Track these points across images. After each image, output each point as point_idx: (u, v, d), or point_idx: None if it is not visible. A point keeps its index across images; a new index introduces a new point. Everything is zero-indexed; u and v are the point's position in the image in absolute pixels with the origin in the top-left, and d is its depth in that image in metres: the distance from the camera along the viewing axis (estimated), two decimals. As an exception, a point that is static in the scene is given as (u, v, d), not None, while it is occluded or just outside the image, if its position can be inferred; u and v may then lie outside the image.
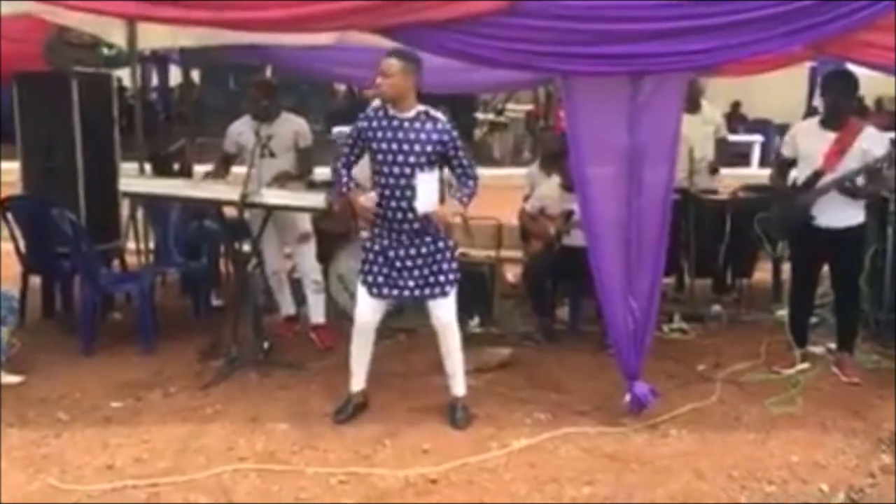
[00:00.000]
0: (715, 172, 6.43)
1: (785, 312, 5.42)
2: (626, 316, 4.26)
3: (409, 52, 4.08)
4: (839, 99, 4.79)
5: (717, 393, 4.71)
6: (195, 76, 16.43)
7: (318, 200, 4.83)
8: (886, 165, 4.82)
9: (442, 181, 4.34)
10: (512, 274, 6.79)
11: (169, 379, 4.91)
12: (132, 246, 6.73)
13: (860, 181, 4.74)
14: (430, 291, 4.24)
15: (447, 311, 4.28)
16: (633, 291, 4.25)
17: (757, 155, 14.12)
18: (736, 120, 14.71)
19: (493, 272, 6.17)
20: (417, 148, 4.08)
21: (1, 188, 6.28)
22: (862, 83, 4.85)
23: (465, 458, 3.94)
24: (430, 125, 4.11)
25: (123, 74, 7.66)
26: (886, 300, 5.51)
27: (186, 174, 6.66)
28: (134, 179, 5.83)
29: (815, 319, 5.48)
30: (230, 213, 5.17)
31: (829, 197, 4.77)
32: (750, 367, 5.09)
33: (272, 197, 4.93)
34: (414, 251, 4.19)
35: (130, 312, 5.99)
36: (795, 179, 5.02)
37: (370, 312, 4.32)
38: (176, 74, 16.68)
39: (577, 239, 5.11)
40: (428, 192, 4.12)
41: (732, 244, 6.20)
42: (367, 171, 4.49)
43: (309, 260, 5.58)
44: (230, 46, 6.04)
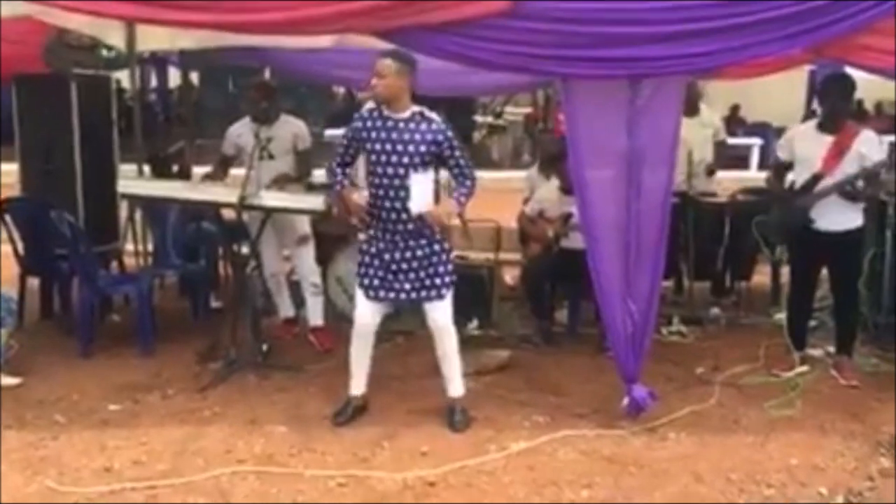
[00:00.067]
0: (712, 174, 6.43)
1: (784, 315, 5.42)
2: (624, 319, 4.26)
3: (404, 53, 4.08)
4: (837, 102, 4.79)
5: (715, 396, 4.70)
6: (194, 78, 16.44)
7: (316, 203, 4.83)
8: (885, 170, 4.83)
9: (437, 182, 4.33)
10: (511, 276, 6.79)
11: (167, 381, 4.91)
12: (131, 248, 6.74)
13: (859, 185, 4.75)
14: (426, 294, 4.24)
15: (443, 313, 4.28)
16: (631, 294, 4.25)
17: (756, 158, 14.13)
18: (735, 123, 14.74)
19: (491, 275, 6.17)
20: (412, 148, 4.08)
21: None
22: (861, 87, 4.86)
23: (463, 460, 3.93)
24: (424, 126, 4.11)
25: (122, 76, 7.66)
26: (885, 303, 5.50)
27: (185, 176, 6.67)
28: (133, 181, 5.83)
29: (814, 322, 5.49)
30: (229, 215, 5.17)
31: (827, 200, 4.78)
32: (749, 370, 5.08)
33: (271, 199, 4.93)
34: (409, 254, 4.19)
35: (129, 314, 5.99)
36: (793, 182, 5.02)
37: (369, 315, 4.32)
38: (175, 76, 16.73)
39: (575, 242, 5.11)
40: (422, 192, 4.12)
41: (731, 247, 6.20)
42: (362, 171, 4.49)
43: (308, 262, 5.58)
44: (229, 48, 6.04)
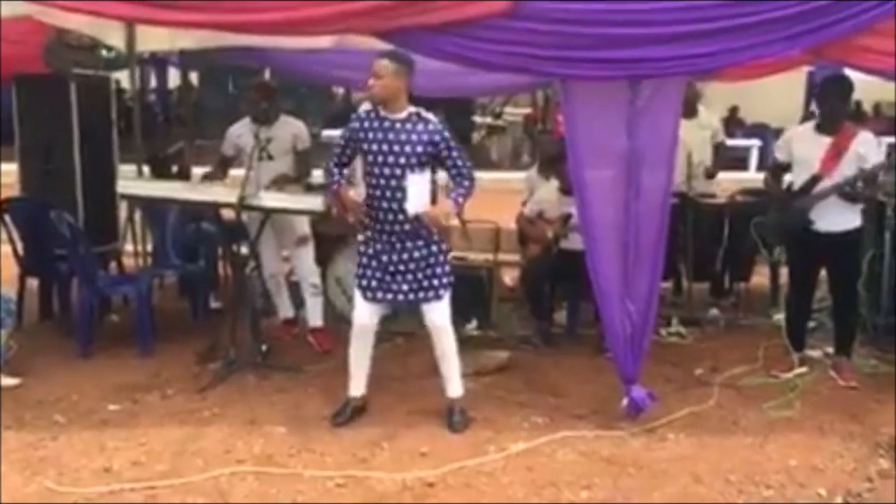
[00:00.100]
0: (711, 177, 6.43)
1: (782, 316, 5.42)
2: (623, 320, 4.26)
3: (401, 53, 4.08)
4: (834, 104, 4.80)
5: (714, 397, 4.71)
6: (194, 78, 16.44)
7: (316, 203, 4.83)
8: (884, 171, 4.83)
9: (435, 182, 4.33)
10: (510, 277, 6.79)
11: (166, 381, 4.91)
12: (130, 248, 6.73)
13: (858, 186, 4.75)
14: (423, 295, 4.24)
15: (441, 314, 4.27)
16: (630, 295, 4.25)
17: (755, 159, 14.14)
18: (734, 124, 14.76)
19: (490, 276, 6.17)
20: (408, 149, 4.07)
21: None
22: (860, 88, 4.86)
23: (462, 461, 3.93)
24: (420, 126, 4.11)
25: (122, 76, 7.66)
26: (884, 305, 5.51)
27: (184, 176, 6.67)
28: (132, 182, 5.82)
29: (813, 323, 5.50)
30: (228, 215, 5.16)
31: (826, 201, 4.78)
32: (748, 371, 5.09)
33: (270, 199, 4.93)
34: (407, 255, 4.19)
35: (128, 315, 5.99)
36: (791, 184, 5.02)
37: (367, 315, 4.32)
38: (174, 77, 16.72)
39: (575, 242, 5.11)
40: (418, 193, 4.11)
41: (730, 248, 6.21)
42: (360, 170, 4.49)
43: (307, 263, 5.58)
44: (229, 49, 6.03)
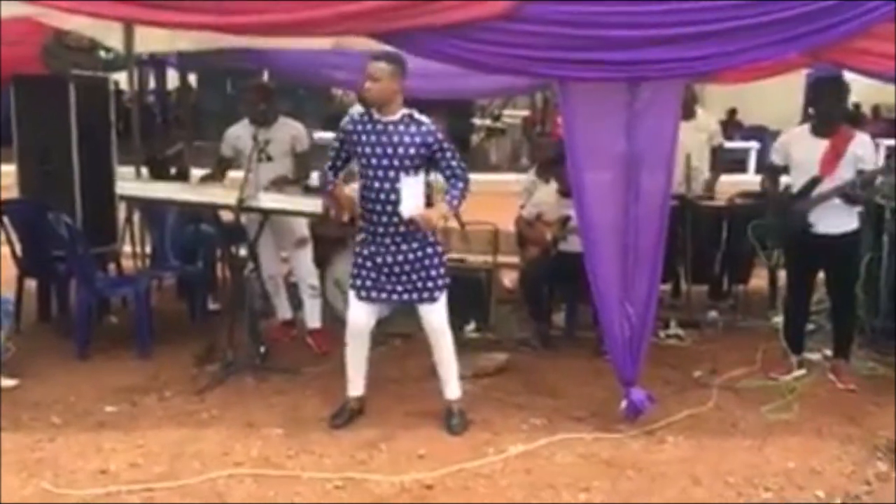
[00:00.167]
0: (711, 189, 6.44)
1: (781, 319, 5.42)
2: (622, 322, 4.26)
3: (395, 54, 4.07)
4: (831, 106, 4.80)
5: (713, 399, 4.70)
6: (192, 80, 16.44)
7: (314, 205, 4.83)
8: (883, 174, 4.83)
9: (428, 185, 4.32)
10: (509, 279, 6.77)
11: (164, 383, 4.90)
12: (128, 249, 6.72)
13: (858, 188, 4.75)
14: (418, 296, 4.23)
15: (438, 316, 4.27)
16: (629, 297, 4.24)
17: (753, 162, 14.15)
18: (732, 127, 14.77)
19: (489, 278, 6.16)
20: (401, 151, 4.06)
21: (-2, 191, 6.29)
22: (859, 91, 4.87)
23: (460, 463, 3.93)
24: (413, 128, 4.10)
25: (121, 78, 7.65)
26: (882, 307, 5.51)
27: (183, 178, 6.67)
28: (131, 183, 5.82)
29: (811, 326, 5.49)
30: (227, 217, 5.16)
31: (825, 203, 4.77)
32: (746, 373, 5.08)
33: (269, 201, 4.93)
34: (402, 256, 4.18)
35: (126, 316, 5.98)
36: (788, 186, 5.02)
37: (363, 316, 4.31)
38: (173, 78, 16.72)
39: (573, 245, 5.12)
40: (412, 195, 4.10)
41: (729, 251, 6.21)
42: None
43: (306, 264, 5.58)
44: (227, 50, 6.03)
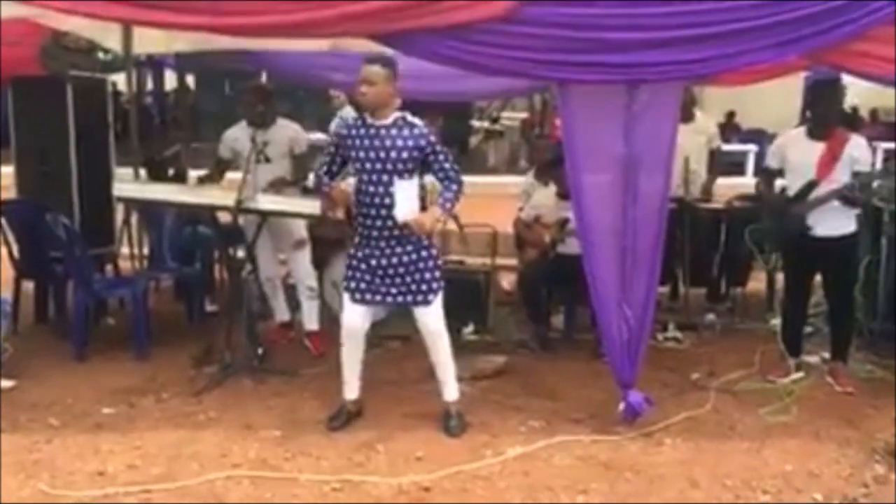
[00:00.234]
0: (708, 193, 6.44)
1: (779, 321, 5.42)
2: (620, 324, 4.26)
3: (388, 57, 4.07)
4: (827, 109, 4.81)
5: (711, 402, 4.70)
6: (190, 81, 16.45)
7: (312, 206, 4.83)
8: (881, 177, 4.84)
9: (422, 187, 4.31)
10: (507, 282, 6.77)
11: (162, 385, 4.89)
12: (126, 251, 6.71)
13: (856, 190, 4.75)
14: (412, 298, 4.22)
15: (433, 318, 4.26)
16: (627, 300, 4.24)
17: (752, 164, 14.17)
18: (730, 130, 14.78)
19: (488, 280, 6.17)
20: (394, 155, 4.06)
21: (-4, 192, 6.27)
22: (857, 94, 4.88)
23: (459, 465, 3.92)
24: (406, 131, 4.09)
25: (119, 79, 7.65)
26: (880, 310, 5.51)
27: (181, 179, 6.65)
28: (128, 184, 5.82)
29: (809, 329, 5.49)
30: (225, 218, 5.15)
31: (822, 206, 4.78)
32: (744, 375, 5.08)
33: (267, 202, 4.93)
34: (396, 259, 4.17)
35: (124, 318, 5.98)
36: (784, 189, 5.03)
37: (358, 318, 4.30)
38: (171, 79, 16.69)
39: (572, 247, 5.11)
40: (406, 198, 4.09)
41: (727, 253, 6.22)
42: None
43: (304, 266, 5.58)
44: (225, 52, 6.02)
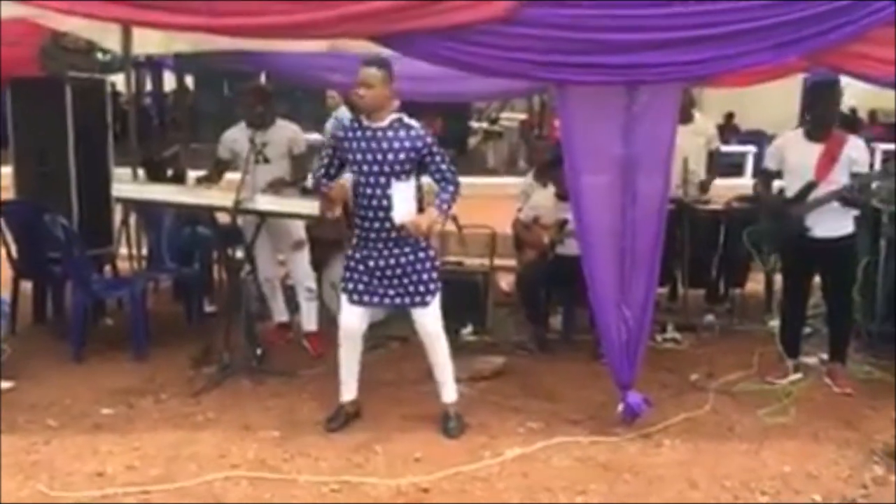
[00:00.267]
0: (706, 191, 6.44)
1: (777, 322, 5.42)
2: (619, 325, 4.26)
3: (385, 59, 4.07)
4: (825, 110, 4.82)
5: (710, 403, 4.70)
6: (189, 82, 16.46)
7: (311, 207, 4.81)
8: (880, 178, 4.84)
9: (420, 189, 4.31)
10: (506, 282, 6.77)
11: (161, 386, 4.89)
12: (125, 251, 6.71)
13: (856, 191, 4.76)
14: (409, 300, 4.22)
15: (431, 320, 4.25)
16: (626, 301, 4.24)
17: (750, 166, 14.18)
18: (729, 131, 14.81)
19: (486, 281, 6.17)
20: (391, 157, 4.06)
21: (-6, 193, 6.26)
22: (856, 95, 4.89)
23: (457, 466, 3.92)
24: (403, 132, 4.09)
25: (118, 80, 7.64)
26: (879, 311, 5.52)
27: (180, 180, 6.65)
28: (127, 185, 5.82)
29: (807, 330, 5.50)
30: (223, 219, 5.15)
31: (821, 207, 4.78)
32: (743, 377, 5.08)
33: (266, 203, 4.93)
34: (393, 260, 4.17)
35: (122, 318, 5.97)
36: (782, 190, 5.03)
37: (355, 319, 4.30)
38: (170, 80, 16.73)
39: (571, 248, 5.11)
40: (403, 200, 4.09)
41: (726, 254, 6.21)
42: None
43: (302, 267, 5.57)
44: (225, 52, 6.02)
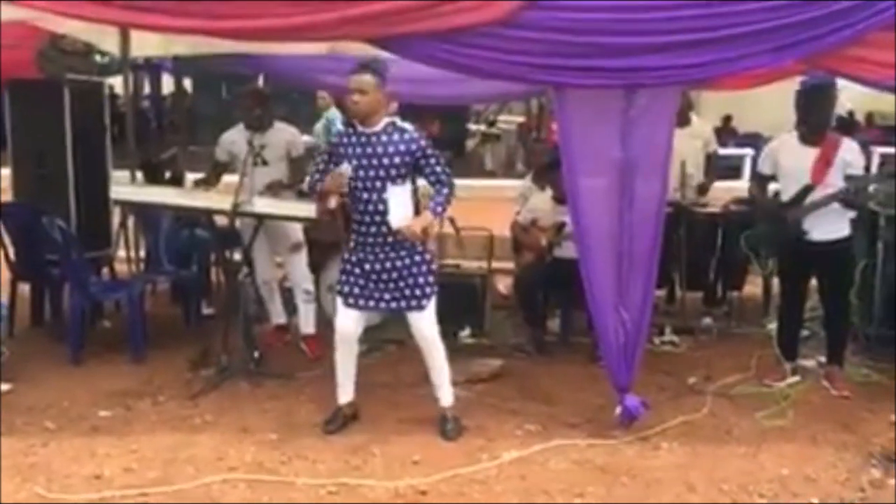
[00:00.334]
0: (704, 193, 6.45)
1: (775, 325, 5.43)
2: (617, 328, 4.26)
3: (378, 64, 4.07)
4: (820, 114, 4.82)
5: (707, 406, 4.70)
6: (187, 85, 16.42)
7: (309, 210, 4.81)
8: (878, 181, 4.85)
9: (416, 192, 4.32)
10: (503, 285, 6.78)
11: (158, 388, 4.89)
12: (123, 254, 6.70)
13: (852, 194, 4.77)
14: (405, 304, 4.22)
15: (427, 323, 4.25)
16: (624, 303, 4.24)
17: (748, 169, 14.17)
18: (727, 134, 14.82)
19: (484, 283, 6.16)
20: (386, 161, 4.06)
21: (-8, 195, 6.26)
22: (853, 98, 4.89)
23: (455, 469, 3.92)
24: (397, 136, 4.09)
25: (116, 82, 7.65)
26: (877, 315, 5.52)
27: (178, 182, 6.65)
28: (125, 187, 5.81)
29: (805, 333, 5.49)
30: (221, 221, 5.15)
31: (817, 210, 4.79)
32: (741, 380, 5.08)
33: (264, 206, 4.93)
34: (389, 264, 4.17)
35: (120, 321, 5.96)
36: (777, 193, 5.03)
37: (351, 323, 4.29)
38: (168, 83, 16.68)
39: (568, 251, 5.12)
40: (400, 204, 4.10)
41: (723, 257, 6.22)
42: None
43: (300, 269, 5.57)
44: (223, 55, 6.03)
